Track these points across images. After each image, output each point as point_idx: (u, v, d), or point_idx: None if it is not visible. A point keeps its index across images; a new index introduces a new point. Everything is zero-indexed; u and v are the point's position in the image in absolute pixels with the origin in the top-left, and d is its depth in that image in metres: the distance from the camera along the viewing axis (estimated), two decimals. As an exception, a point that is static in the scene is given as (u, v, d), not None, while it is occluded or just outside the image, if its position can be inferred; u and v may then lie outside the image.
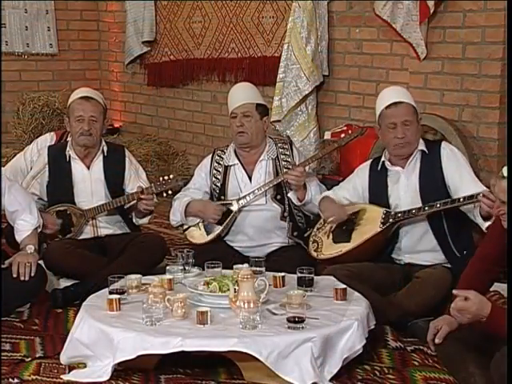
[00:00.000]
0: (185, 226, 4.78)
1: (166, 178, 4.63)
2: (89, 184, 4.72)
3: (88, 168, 4.73)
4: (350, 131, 5.53)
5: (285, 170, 4.56)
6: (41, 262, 4.30)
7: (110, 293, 3.62)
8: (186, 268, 3.95)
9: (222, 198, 4.67)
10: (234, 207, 4.60)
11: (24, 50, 8.05)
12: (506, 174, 3.00)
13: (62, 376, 3.39)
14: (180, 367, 3.45)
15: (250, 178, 4.65)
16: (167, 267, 3.94)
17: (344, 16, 6.01)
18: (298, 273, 3.75)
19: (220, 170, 4.71)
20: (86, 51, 8.50)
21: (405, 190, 4.19)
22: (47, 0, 8.12)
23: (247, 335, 3.19)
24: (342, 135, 5.48)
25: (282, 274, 3.84)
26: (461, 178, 4.08)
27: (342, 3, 6.01)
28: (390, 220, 4.13)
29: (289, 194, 4.55)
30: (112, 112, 8.18)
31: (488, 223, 3.84)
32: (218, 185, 4.70)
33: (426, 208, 4.03)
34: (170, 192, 4.65)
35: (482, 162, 5.16)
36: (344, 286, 3.66)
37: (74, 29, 8.39)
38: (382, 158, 4.28)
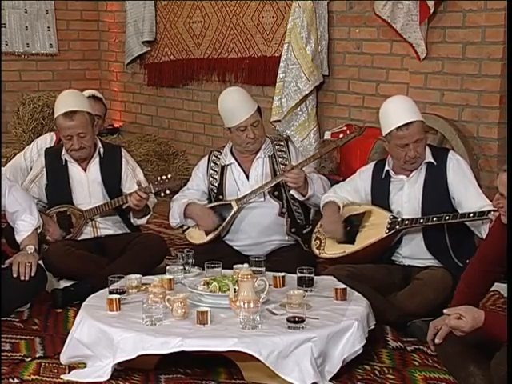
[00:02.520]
0: (184, 227, 4.78)
1: (163, 177, 4.61)
2: (86, 186, 4.71)
3: (85, 170, 4.73)
4: (348, 131, 5.53)
5: (282, 171, 4.52)
6: (41, 262, 4.30)
7: (110, 293, 3.62)
8: (186, 268, 3.94)
9: (220, 197, 4.67)
10: (234, 208, 4.60)
11: (24, 50, 8.05)
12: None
13: (62, 376, 3.39)
14: (180, 367, 3.45)
15: (247, 176, 4.66)
16: (167, 267, 3.94)
17: (344, 16, 6.01)
18: (297, 273, 3.75)
19: (217, 169, 4.72)
20: (85, 51, 8.50)
21: (408, 198, 4.15)
22: (47, 0, 8.12)
23: (247, 335, 3.19)
24: (341, 135, 5.48)
25: (282, 273, 3.84)
26: (465, 191, 4.04)
27: (342, 3, 6.01)
28: (397, 227, 4.09)
29: (291, 192, 4.55)
30: (112, 112, 8.18)
31: None
32: (216, 184, 4.70)
33: (435, 219, 3.98)
34: (167, 192, 4.64)
35: (482, 162, 5.17)
36: (344, 286, 3.66)
37: (74, 29, 8.39)
38: (386, 167, 4.22)
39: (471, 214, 3.89)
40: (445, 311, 3.06)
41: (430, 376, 3.38)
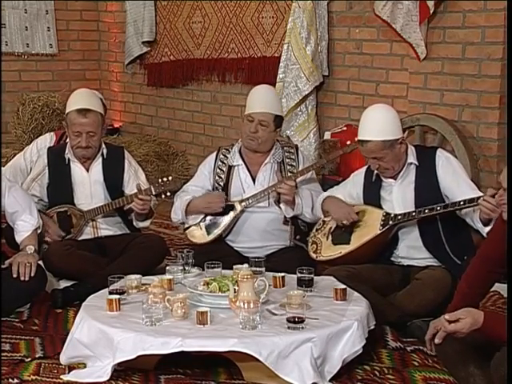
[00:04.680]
0: (186, 225, 4.78)
1: (164, 179, 4.61)
2: (88, 186, 4.72)
3: (87, 170, 4.73)
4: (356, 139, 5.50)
5: (281, 178, 4.53)
6: (40, 262, 4.30)
7: (110, 293, 3.62)
8: (186, 268, 3.95)
9: (225, 196, 4.67)
10: (237, 208, 4.59)
11: (24, 50, 8.05)
12: None
13: (61, 376, 3.39)
14: (180, 367, 3.45)
15: (253, 180, 4.65)
16: (167, 267, 3.94)
17: (344, 16, 6.01)
18: (297, 273, 3.75)
19: (224, 169, 4.70)
20: (85, 51, 8.50)
21: (399, 201, 4.15)
22: (47, 0, 8.12)
23: (247, 335, 3.19)
24: (348, 142, 5.44)
25: (282, 274, 3.83)
26: (458, 187, 4.03)
27: (341, 3, 6.01)
28: (390, 222, 4.10)
29: (281, 205, 4.55)
30: (112, 112, 8.18)
31: (488, 228, 3.84)
32: (221, 184, 4.69)
33: (427, 210, 3.98)
34: (168, 194, 4.64)
35: (481, 162, 5.17)
36: (344, 286, 3.66)
37: (74, 29, 8.39)
38: (376, 170, 4.24)
39: (461, 202, 3.89)
40: (446, 317, 3.05)
41: (429, 376, 3.38)
